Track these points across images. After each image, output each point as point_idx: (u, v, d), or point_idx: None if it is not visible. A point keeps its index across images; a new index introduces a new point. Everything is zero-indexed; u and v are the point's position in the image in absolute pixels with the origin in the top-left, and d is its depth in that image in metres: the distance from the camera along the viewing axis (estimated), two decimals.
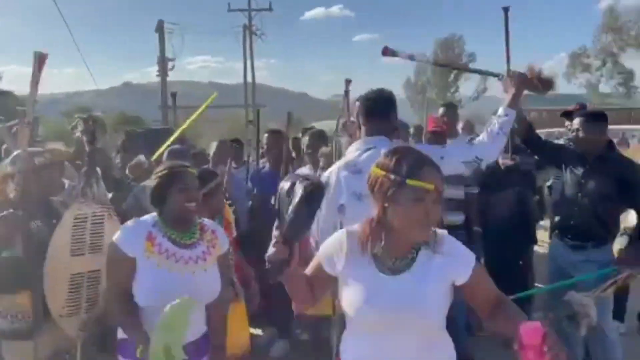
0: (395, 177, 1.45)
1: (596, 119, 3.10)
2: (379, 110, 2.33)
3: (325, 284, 1.65)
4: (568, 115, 4.10)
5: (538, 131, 3.43)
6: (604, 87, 36.96)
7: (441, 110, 4.44)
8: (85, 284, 2.40)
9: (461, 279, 1.52)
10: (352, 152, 2.33)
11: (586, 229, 3.03)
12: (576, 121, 3.13)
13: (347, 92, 3.50)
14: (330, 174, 2.31)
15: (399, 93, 61.50)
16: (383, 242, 1.51)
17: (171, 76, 22.44)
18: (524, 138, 3.26)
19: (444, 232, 1.57)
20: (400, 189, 1.45)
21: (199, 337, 1.98)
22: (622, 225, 3.35)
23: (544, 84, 2.33)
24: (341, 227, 2.07)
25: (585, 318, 2.79)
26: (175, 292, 1.77)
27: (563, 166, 3.20)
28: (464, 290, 1.55)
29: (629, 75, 35.84)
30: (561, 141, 4.26)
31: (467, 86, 71.88)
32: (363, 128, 2.35)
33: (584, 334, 2.84)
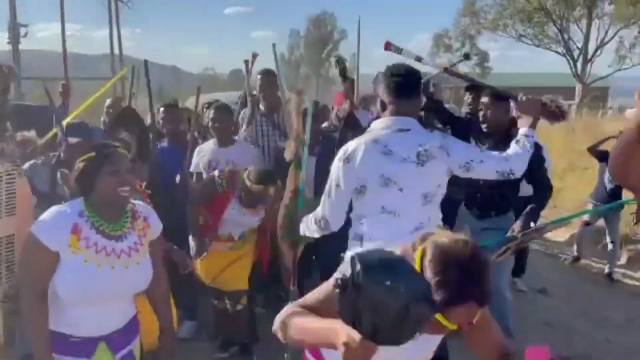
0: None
1: (502, 98, 3.14)
2: (409, 88, 2.23)
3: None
4: (470, 89, 4.07)
5: None
6: (463, 67, 39.56)
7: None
8: (4, 250, 2.28)
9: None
10: (380, 129, 2.22)
11: (489, 200, 3.28)
12: (484, 99, 3.24)
13: (248, 68, 3.60)
14: (357, 149, 2.18)
15: (273, 69, 61.62)
16: None
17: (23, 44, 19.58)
18: (436, 112, 3.33)
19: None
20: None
21: (127, 322, 1.91)
22: None
23: (561, 113, 2.44)
24: (355, 210, 2.24)
25: None
26: (105, 288, 1.76)
27: (472, 139, 3.27)
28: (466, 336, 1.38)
29: (484, 56, 38.95)
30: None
31: None
32: (390, 106, 2.23)
33: None
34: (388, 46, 2.73)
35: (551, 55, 27.85)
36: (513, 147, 2.30)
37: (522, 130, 2.34)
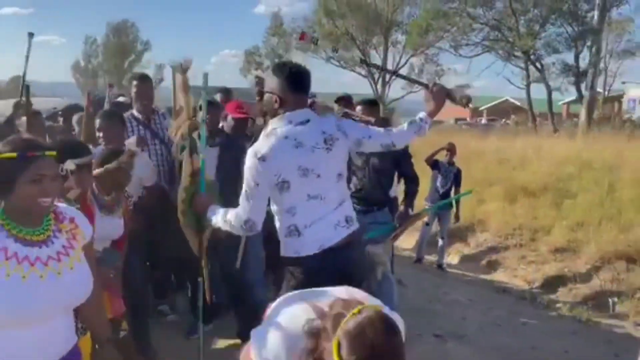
0: None
1: (373, 104, 4.00)
2: (306, 84, 2.37)
3: None
4: (340, 100, 4.28)
5: None
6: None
7: (219, 95, 4.56)
8: None
9: None
10: (283, 126, 2.30)
11: (372, 196, 3.76)
12: (358, 108, 3.80)
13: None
14: (270, 147, 2.25)
15: (68, 76, 56.65)
16: None
17: None
18: None
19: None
20: None
21: (72, 348, 1.63)
22: None
23: (467, 101, 2.61)
24: (282, 206, 2.31)
25: (381, 266, 3.65)
26: (37, 301, 1.47)
27: None
28: None
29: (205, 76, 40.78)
30: None
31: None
32: (288, 102, 2.30)
33: (380, 278, 3.63)
34: (303, 36, 2.90)
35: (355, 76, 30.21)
36: (402, 125, 2.49)
37: (421, 114, 2.49)
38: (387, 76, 29.16)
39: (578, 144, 10.36)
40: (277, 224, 2.38)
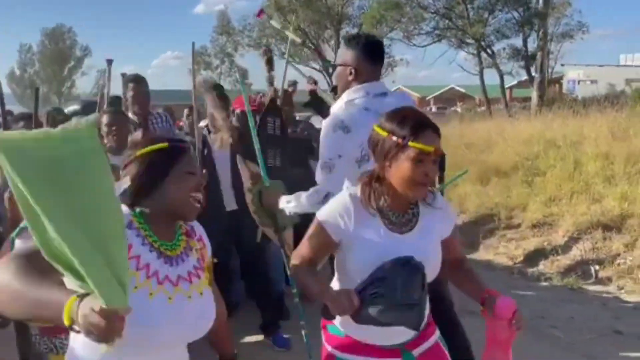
0: (398, 139, 1.51)
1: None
2: (382, 55, 2.36)
3: (327, 252, 1.68)
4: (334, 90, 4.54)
5: None
6: (224, 83, 40.14)
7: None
8: None
9: (446, 233, 1.70)
10: (361, 97, 2.20)
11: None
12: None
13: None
14: (352, 119, 2.13)
15: (4, 86, 54.09)
16: (386, 200, 1.58)
17: None
18: None
19: (434, 188, 1.68)
20: (403, 150, 1.51)
21: None
22: None
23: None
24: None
25: None
26: (158, 327, 1.22)
27: None
28: (442, 244, 1.68)
29: (244, 73, 40.21)
30: None
31: (85, 81, 70.33)
32: (365, 72, 2.23)
33: None
34: (261, 13, 3.08)
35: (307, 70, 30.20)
36: None
37: None
38: None
39: (538, 124, 10.78)
40: None
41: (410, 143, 1.49)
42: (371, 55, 2.25)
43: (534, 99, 18.43)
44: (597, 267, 5.14)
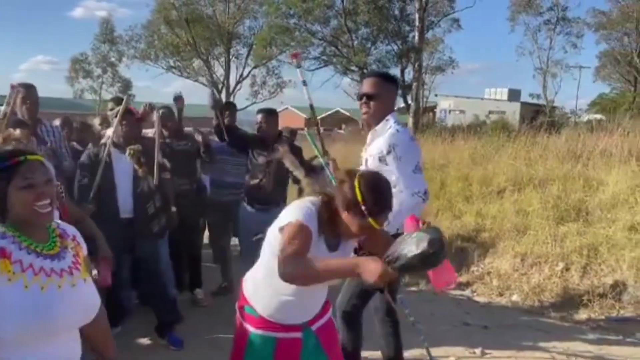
0: (365, 211, 1.81)
1: (273, 114, 4.33)
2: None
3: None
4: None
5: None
6: (105, 94, 38.31)
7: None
8: None
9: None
10: (401, 122, 2.87)
11: (271, 195, 4.01)
12: (259, 116, 4.23)
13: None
14: (396, 138, 2.72)
15: None
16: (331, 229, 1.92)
17: None
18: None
19: None
20: (361, 216, 1.82)
21: None
22: None
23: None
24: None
25: None
26: (56, 314, 1.47)
27: (250, 150, 4.11)
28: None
29: (127, 84, 38.62)
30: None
31: None
32: (394, 105, 2.94)
33: None
34: (297, 55, 3.63)
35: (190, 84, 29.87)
36: None
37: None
38: (232, 86, 29.54)
39: None
40: None
41: (370, 220, 1.82)
42: (397, 91, 3.07)
43: (409, 126, 20.05)
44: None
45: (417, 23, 20.68)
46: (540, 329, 4.31)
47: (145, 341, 3.69)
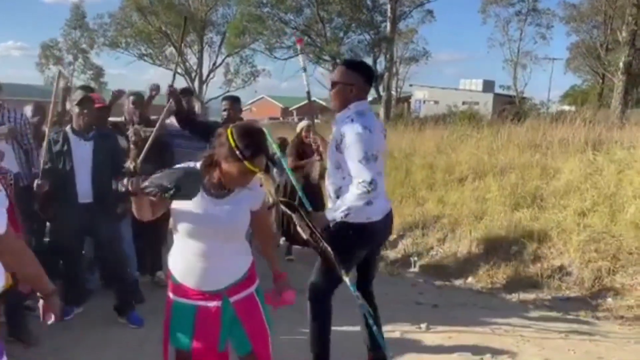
0: (240, 155, 1.97)
1: (237, 101, 4.66)
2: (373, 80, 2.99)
3: (163, 206, 2.06)
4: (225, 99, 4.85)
5: None
6: (77, 81, 37.65)
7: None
8: None
9: (255, 207, 2.20)
10: (365, 109, 2.85)
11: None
12: (224, 103, 4.51)
13: None
14: (370, 123, 2.75)
15: None
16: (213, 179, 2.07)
17: None
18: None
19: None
20: (238, 162, 1.98)
21: None
22: None
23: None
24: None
25: None
26: None
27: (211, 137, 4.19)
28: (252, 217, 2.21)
29: (98, 71, 37.97)
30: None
31: None
32: (363, 91, 2.86)
33: None
34: (300, 41, 3.82)
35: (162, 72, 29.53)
36: None
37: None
38: (205, 75, 29.32)
39: None
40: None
41: (246, 163, 1.97)
42: (369, 78, 2.89)
43: (381, 116, 20.25)
44: (416, 258, 6.10)
45: (389, 13, 20.81)
46: (486, 307, 4.53)
47: (106, 321, 3.76)
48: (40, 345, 3.30)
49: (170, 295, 2.17)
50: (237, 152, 1.95)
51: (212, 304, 2.11)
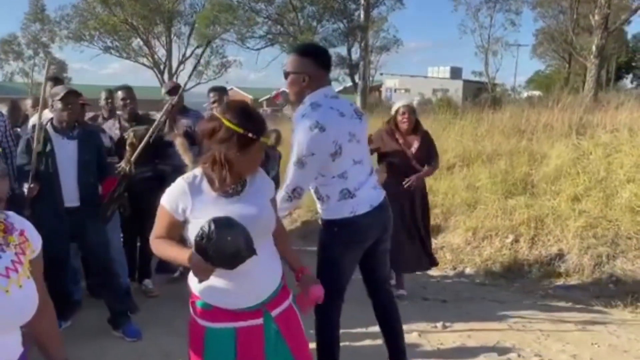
0: (254, 136, 1.79)
1: (226, 91, 4.60)
2: (330, 62, 2.63)
3: (178, 229, 1.89)
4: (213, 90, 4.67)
5: None
6: (38, 76, 36.41)
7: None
8: None
9: (272, 194, 2.02)
10: (321, 99, 2.45)
11: None
12: (213, 94, 4.41)
13: None
14: (325, 118, 2.38)
15: None
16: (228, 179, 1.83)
17: None
18: None
19: None
20: (256, 142, 1.80)
21: None
22: None
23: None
24: (334, 172, 2.47)
25: None
26: None
27: None
28: None
29: (61, 66, 36.68)
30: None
31: None
32: (321, 79, 2.48)
33: None
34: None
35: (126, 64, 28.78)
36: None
37: None
38: (175, 67, 28.64)
39: None
40: (325, 192, 2.49)
41: (263, 139, 1.81)
42: (323, 62, 2.51)
43: (357, 103, 20.12)
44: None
45: (362, 1, 20.61)
46: (494, 299, 4.44)
47: (98, 334, 3.48)
48: None
49: (200, 322, 1.87)
50: (250, 135, 1.77)
51: (253, 322, 1.84)
